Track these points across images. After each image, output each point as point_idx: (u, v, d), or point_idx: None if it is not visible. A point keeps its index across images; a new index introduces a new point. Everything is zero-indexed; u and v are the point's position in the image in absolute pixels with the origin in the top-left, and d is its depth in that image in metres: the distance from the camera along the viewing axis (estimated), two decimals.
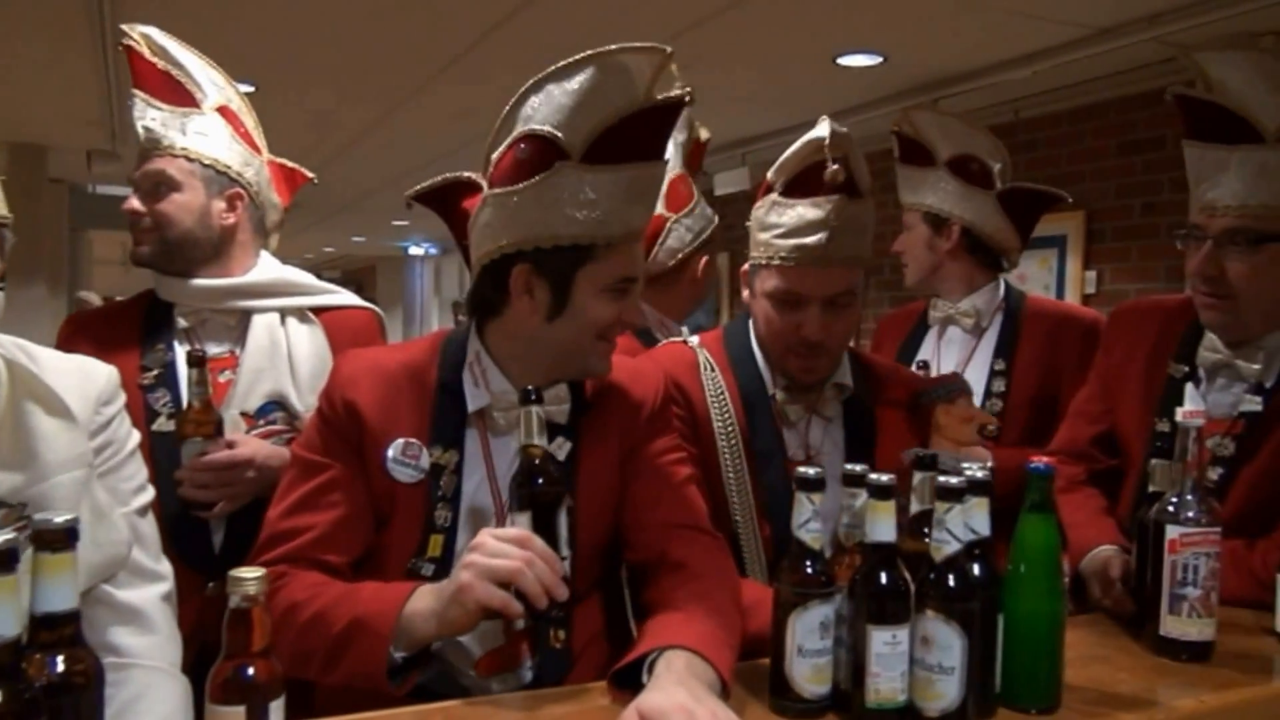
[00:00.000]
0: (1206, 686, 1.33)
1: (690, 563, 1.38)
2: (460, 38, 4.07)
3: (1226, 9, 3.40)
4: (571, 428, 1.47)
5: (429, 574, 1.40)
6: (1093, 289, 4.42)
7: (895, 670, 1.14)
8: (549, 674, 1.36)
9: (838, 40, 4.08)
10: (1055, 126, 4.66)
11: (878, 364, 1.91)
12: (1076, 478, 1.93)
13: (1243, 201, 1.64)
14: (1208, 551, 1.39)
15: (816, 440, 1.75)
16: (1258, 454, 1.68)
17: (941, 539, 1.15)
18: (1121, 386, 1.89)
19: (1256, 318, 1.69)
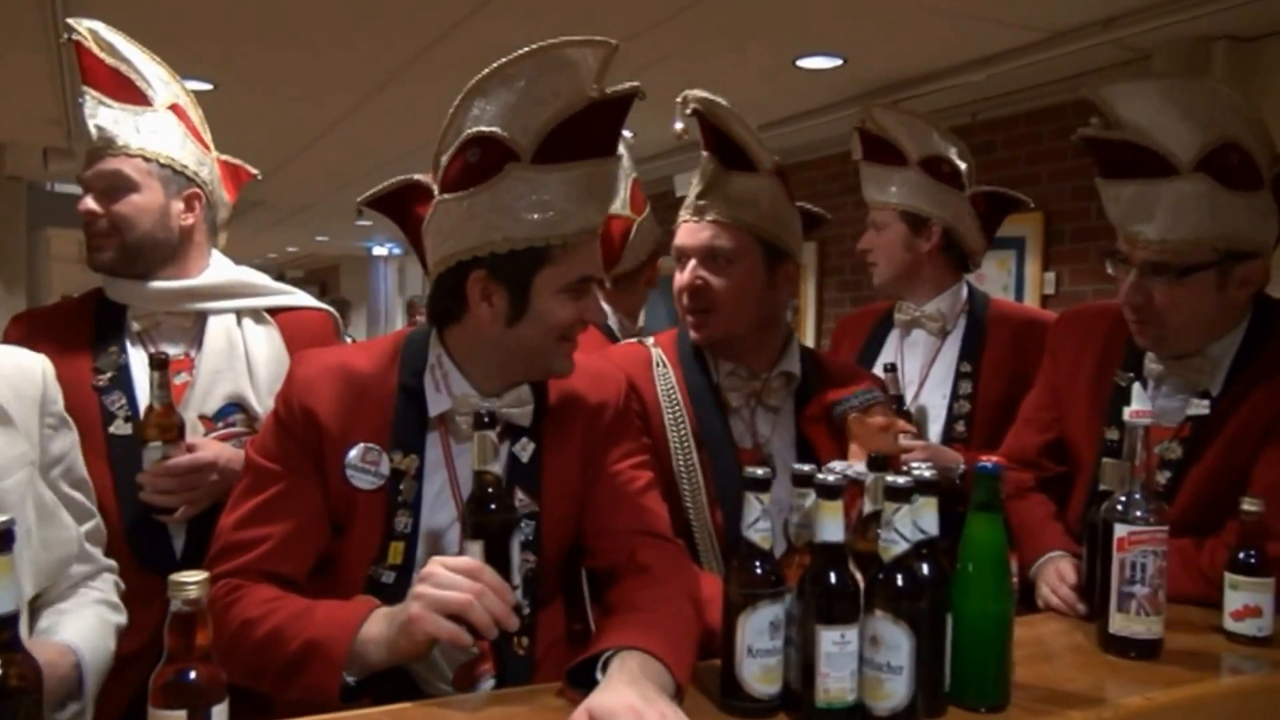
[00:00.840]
0: (1155, 684, 1.34)
1: (652, 567, 1.38)
2: (422, 36, 4.03)
3: (1179, 14, 3.44)
4: (535, 430, 1.46)
5: (389, 581, 1.38)
6: (1052, 290, 4.47)
7: (844, 670, 1.14)
8: (511, 679, 1.35)
9: (798, 42, 4.09)
10: (1013, 129, 4.69)
11: (835, 362, 1.92)
12: (1025, 484, 1.96)
13: (1163, 237, 1.64)
14: (1155, 550, 1.40)
15: (765, 430, 1.77)
16: (1204, 457, 1.70)
17: (890, 539, 1.15)
18: (1070, 394, 1.90)
19: (1187, 339, 1.71)
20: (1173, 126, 1.63)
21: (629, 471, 1.51)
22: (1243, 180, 1.64)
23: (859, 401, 1.69)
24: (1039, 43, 3.90)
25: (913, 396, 2.46)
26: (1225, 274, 1.65)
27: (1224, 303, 1.68)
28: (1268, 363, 1.69)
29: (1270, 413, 1.65)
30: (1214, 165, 1.62)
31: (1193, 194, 1.62)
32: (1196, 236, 1.62)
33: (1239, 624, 1.50)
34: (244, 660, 1.29)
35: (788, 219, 1.78)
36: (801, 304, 6.08)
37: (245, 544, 1.36)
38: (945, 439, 2.40)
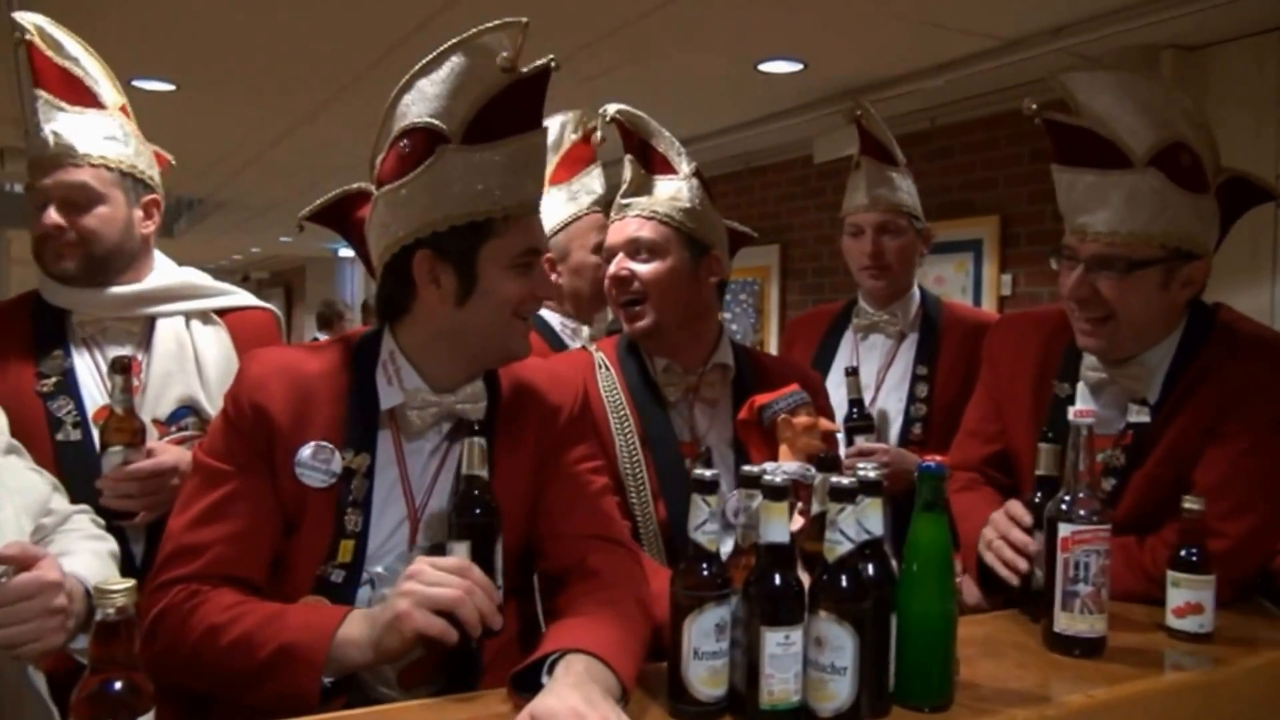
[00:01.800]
0: (1098, 681, 1.36)
1: (602, 572, 1.38)
2: (386, 38, 4.01)
3: (1127, 22, 3.49)
4: (489, 430, 1.45)
5: (339, 580, 1.38)
6: (1008, 291, 4.52)
7: (789, 671, 1.15)
8: (458, 686, 1.34)
9: (759, 46, 4.12)
10: (970, 134, 4.75)
11: (768, 358, 1.97)
12: (976, 481, 1.97)
13: (1114, 229, 1.63)
14: (1098, 549, 1.42)
15: (703, 424, 1.81)
16: (1146, 463, 1.72)
17: (834, 540, 1.16)
18: (1011, 405, 1.91)
19: (1131, 336, 1.71)
20: (1129, 119, 1.62)
21: (585, 475, 1.51)
22: (1191, 181, 1.65)
23: (785, 404, 1.70)
24: (993, 50, 3.95)
25: (870, 400, 2.48)
26: (1171, 272, 1.66)
27: (1166, 303, 1.69)
28: (1204, 368, 1.71)
29: (1209, 416, 1.68)
30: (1166, 162, 1.62)
31: (1145, 188, 1.62)
32: (1147, 231, 1.62)
33: (1181, 621, 1.52)
34: (210, 666, 1.29)
35: (709, 215, 1.85)
36: (764, 307, 6.10)
37: (198, 547, 1.35)
38: (903, 441, 2.43)
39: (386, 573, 1.39)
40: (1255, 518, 1.63)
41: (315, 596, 1.36)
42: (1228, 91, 3.75)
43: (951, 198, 4.81)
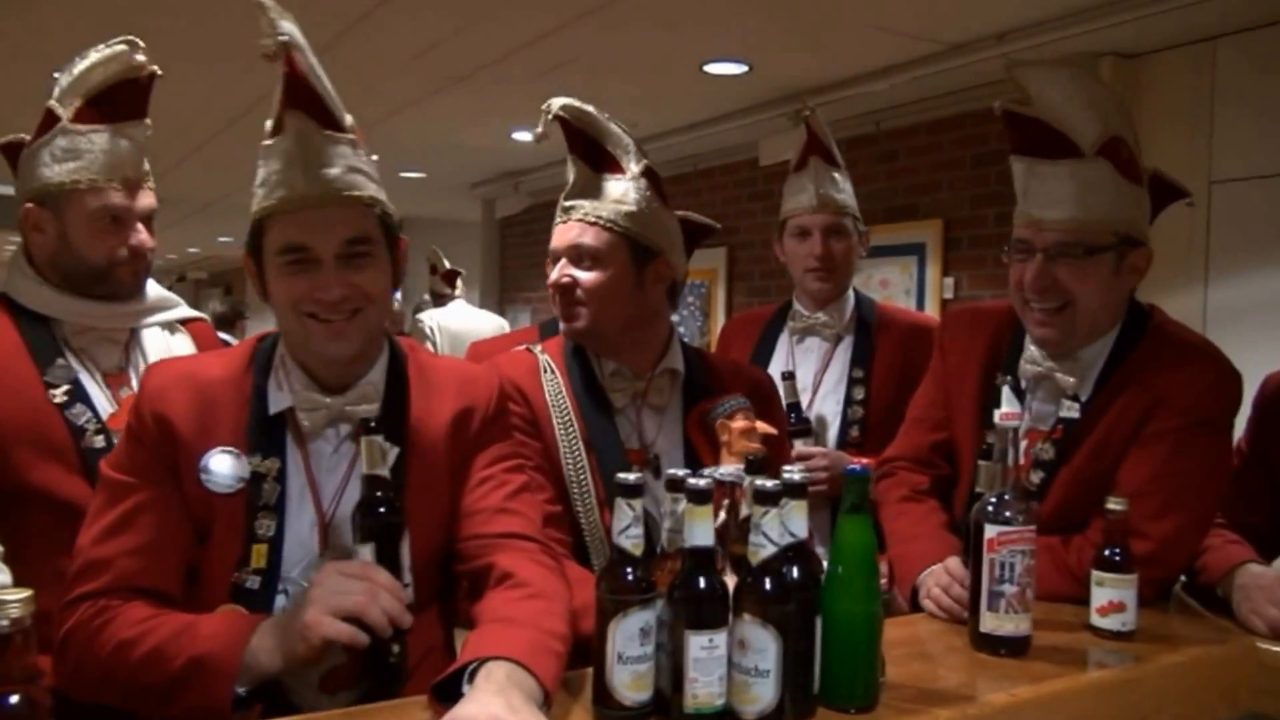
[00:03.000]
0: (1022, 680, 1.37)
1: (517, 573, 1.37)
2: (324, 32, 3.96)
3: (1068, 29, 3.56)
4: (399, 435, 1.44)
5: (255, 586, 1.36)
6: (951, 294, 4.58)
7: (713, 674, 1.14)
8: (381, 690, 1.32)
9: (705, 47, 4.13)
10: (914, 138, 4.80)
11: (721, 360, 1.94)
12: (920, 486, 1.97)
13: (1072, 216, 1.68)
14: (1023, 550, 1.44)
15: (651, 430, 1.78)
16: (1073, 458, 1.75)
17: (758, 543, 1.16)
18: (958, 395, 1.93)
19: (1086, 324, 1.74)
20: (1077, 112, 1.68)
21: (501, 475, 1.49)
22: (1131, 172, 1.72)
23: (724, 408, 1.71)
24: (937, 54, 4.00)
25: (807, 403, 2.48)
26: (1121, 259, 1.72)
27: (1116, 290, 1.75)
28: (1134, 367, 1.74)
29: (1135, 416, 1.71)
30: (1111, 153, 1.69)
31: (1096, 177, 1.68)
32: (1101, 218, 1.68)
33: (1104, 619, 1.54)
34: (121, 683, 1.27)
35: (658, 217, 1.79)
36: (711, 309, 6.12)
37: (105, 561, 1.32)
38: (841, 444, 2.43)
39: (300, 578, 1.38)
40: (1178, 519, 1.65)
41: (232, 606, 1.34)
42: (1164, 98, 3.83)
43: (896, 201, 4.86)
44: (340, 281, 1.36)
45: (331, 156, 1.37)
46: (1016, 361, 1.83)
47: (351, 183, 1.38)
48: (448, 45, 4.13)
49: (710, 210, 6.16)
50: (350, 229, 1.38)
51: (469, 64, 4.43)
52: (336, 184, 1.36)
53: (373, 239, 1.41)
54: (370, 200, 1.40)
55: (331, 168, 1.36)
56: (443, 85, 4.80)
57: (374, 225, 1.41)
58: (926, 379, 2.06)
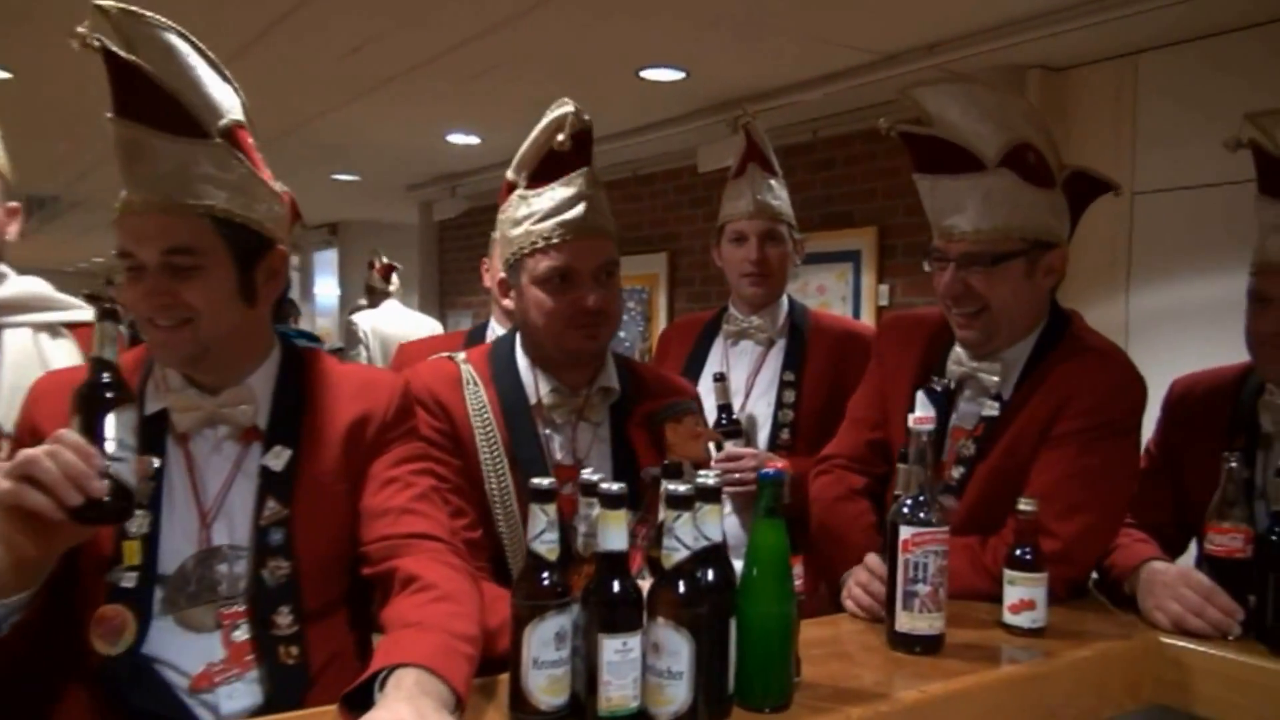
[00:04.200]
0: (935, 677, 1.41)
1: (424, 575, 1.37)
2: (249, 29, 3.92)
3: (997, 42, 3.65)
4: (293, 437, 1.45)
5: (131, 585, 1.35)
6: (885, 301, 4.66)
7: (627, 677, 1.16)
8: (281, 694, 1.33)
9: (641, 52, 4.15)
10: (850, 146, 4.88)
11: (651, 373, 1.95)
12: (855, 486, 2.02)
13: (976, 227, 1.74)
14: (937, 550, 1.47)
15: (584, 445, 1.77)
16: (990, 455, 1.80)
17: (671, 546, 1.18)
18: (893, 398, 1.98)
19: (1005, 325, 1.81)
20: (976, 125, 1.74)
21: (407, 477, 1.50)
22: (1039, 177, 1.77)
23: (672, 410, 1.72)
24: (870, 64, 4.07)
25: (739, 406, 2.51)
26: (1033, 262, 1.78)
27: (1033, 291, 1.81)
28: (1050, 369, 1.80)
29: (1044, 416, 1.76)
30: (1015, 162, 1.74)
31: (999, 187, 1.73)
32: (1005, 226, 1.74)
33: (1016, 617, 1.59)
34: None
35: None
36: (653, 314, 6.15)
37: None
38: (771, 447, 2.47)
39: (175, 574, 1.38)
40: (1086, 519, 1.71)
41: (113, 606, 1.34)
42: (1089, 110, 3.94)
43: (833, 209, 4.93)
44: (160, 291, 1.34)
45: (165, 161, 1.33)
46: (947, 364, 1.90)
47: (183, 190, 1.34)
48: (378, 45, 4.09)
49: (651, 215, 6.22)
50: (171, 238, 1.34)
51: (401, 64, 4.38)
52: (159, 191, 1.33)
53: (201, 250, 1.36)
54: (203, 209, 1.35)
55: (160, 173, 1.33)
56: (374, 86, 4.75)
57: (207, 236, 1.36)
58: (865, 381, 2.11)
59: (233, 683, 1.37)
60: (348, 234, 10.34)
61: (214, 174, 1.36)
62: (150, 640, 1.36)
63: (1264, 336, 1.78)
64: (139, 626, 1.35)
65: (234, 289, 1.40)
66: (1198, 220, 3.55)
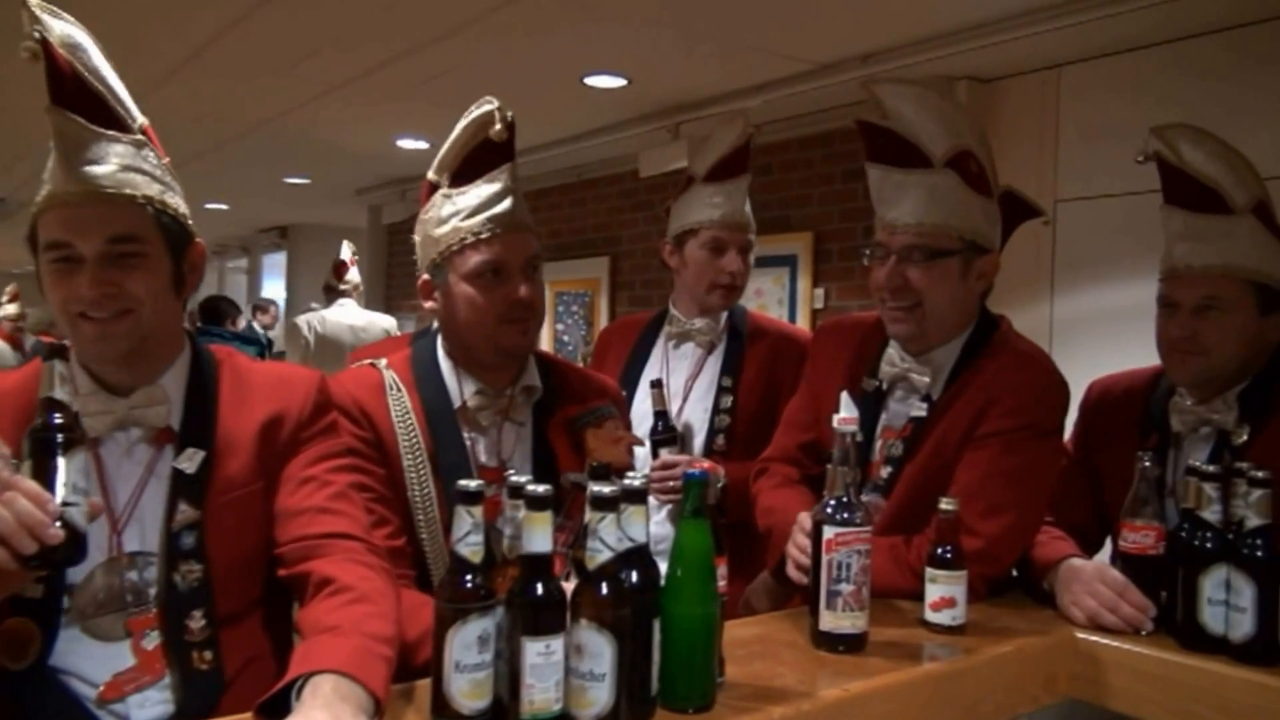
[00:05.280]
0: (857, 675, 1.43)
1: (339, 577, 1.35)
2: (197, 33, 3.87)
3: (927, 53, 3.73)
4: (206, 439, 1.43)
5: (37, 595, 1.33)
6: (821, 305, 4.71)
7: (549, 680, 1.16)
8: (195, 700, 1.31)
9: (585, 60, 4.17)
10: (787, 152, 4.93)
11: (572, 370, 1.95)
12: (792, 477, 2.06)
13: (919, 220, 1.81)
14: (859, 549, 1.50)
15: (509, 446, 1.77)
16: (918, 454, 1.84)
17: (594, 548, 1.18)
18: (825, 400, 2.01)
19: (936, 323, 1.86)
20: (928, 126, 1.81)
21: (322, 476, 1.48)
22: (980, 185, 1.85)
23: (592, 416, 1.73)
24: (806, 73, 4.13)
25: (678, 409, 2.52)
26: (968, 263, 1.84)
27: (964, 294, 1.87)
28: (976, 371, 1.85)
29: (969, 417, 1.81)
30: (959, 166, 1.82)
31: (943, 186, 1.81)
32: (946, 223, 1.80)
33: (937, 615, 1.62)
34: None
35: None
36: (594, 318, 6.16)
37: None
38: (707, 452, 2.47)
39: (83, 583, 1.36)
40: (1008, 518, 1.75)
41: (17, 620, 1.31)
42: (1015, 121, 4.03)
43: (770, 214, 4.97)
44: (102, 280, 1.34)
45: (102, 154, 1.35)
46: (880, 365, 1.94)
47: (122, 181, 1.36)
48: (330, 50, 4.08)
49: (594, 219, 6.23)
50: (114, 227, 1.35)
51: (352, 70, 4.39)
52: (103, 181, 1.34)
53: (143, 239, 1.38)
54: (143, 199, 1.37)
55: (100, 165, 1.34)
56: (326, 90, 4.74)
57: (148, 225, 1.38)
58: (800, 385, 2.15)
59: (144, 691, 1.34)
60: (298, 237, 10.23)
61: (144, 168, 1.39)
62: (57, 652, 1.33)
63: (1172, 341, 1.84)
64: (45, 638, 1.32)
65: (169, 280, 1.42)
66: (1118, 227, 3.65)
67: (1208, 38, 3.44)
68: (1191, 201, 1.81)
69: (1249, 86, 3.34)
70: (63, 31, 1.33)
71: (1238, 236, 1.78)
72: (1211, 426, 1.83)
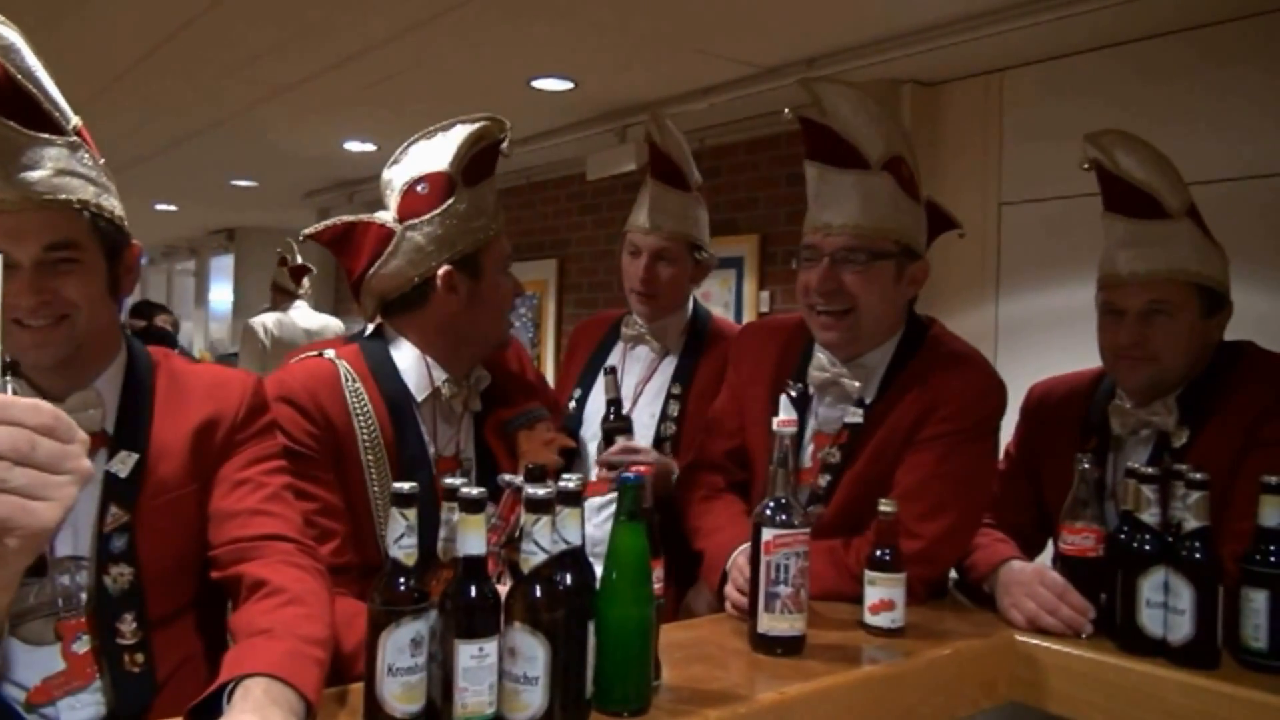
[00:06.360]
0: (794, 678, 1.42)
1: (271, 579, 1.34)
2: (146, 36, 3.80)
3: (872, 57, 3.75)
4: (139, 441, 1.40)
5: None
6: (766, 307, 4.73)
7: (483, 683, 1.14)
8: (126, 703, 1.28)
9: (533, 63, 4.15)
10: (734, 155, 4.95)
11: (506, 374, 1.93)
12: (717, 486, 2.04)
13: (857, 222, 1.79)
14: (798, 551, 1.49)
15: (465, 436, 1.78)
16: (856, 461, 1.84)
17: (529, 550, 1.17)
18: (749, 404, 2.00)
19: (868, 329, 1.84)
20: (864, 128, 1.81)
21: (257, 478, 1.46)
22: (911, 190, 1.85)
23: (525, 419, 1.72)
24: (752, 76, 4.14)
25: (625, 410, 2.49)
26: (901, 268, 1.84)
27: (896, 298, 1.86)
28: (912, 375, 1.85)
29: (909, 421, 1.81)
30: (893, 169, 1.82)
31: (880, 188, 1.80)
32: (884, 226, 1.80)
33: (875, 617, 1.62)
34: None
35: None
36: (542, 320, 6.13)
37: None
38: None
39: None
40: (947, 520, 1.76)
41: None
42: (959, 124, 4.07)
43: (718, 216, 4.94)
44: (38, 288, 1.31)
45: (36, 159, 1.32)
46: (806, 369, 1.92)
47: (57, 186, 1.33)
48: (277, 54, 4.03)
49: (543, 222, 6.20)
50: (50, 234, 1.32)
51: (298, 72, 4.34)
52: (38, 187, 1.31)
53: (79, 244, 1.35)
54: (79, 204, 1.35)
55: (35, 171, 1.31)
56: (272, 93, 4.68)
57: (83, 230, 1.36)
58: (723, 389, 2.12)
59: (74, 694, 1.32)
60: (245, 240, 10.08)
61: (79, 170, 1.36)
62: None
63: (1120, 348, 1.83)
64: None
65: (105, 284, 1.41)
66: (1061, 230, 3.70)
67: (1150, 41, 3.51)
68: (1131, 208, 1.82)
69: (1189, 89, 3.40)
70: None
71: (1179, 240, 1.79)
72: (1151, 429, 1.84)
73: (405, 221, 1.72)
